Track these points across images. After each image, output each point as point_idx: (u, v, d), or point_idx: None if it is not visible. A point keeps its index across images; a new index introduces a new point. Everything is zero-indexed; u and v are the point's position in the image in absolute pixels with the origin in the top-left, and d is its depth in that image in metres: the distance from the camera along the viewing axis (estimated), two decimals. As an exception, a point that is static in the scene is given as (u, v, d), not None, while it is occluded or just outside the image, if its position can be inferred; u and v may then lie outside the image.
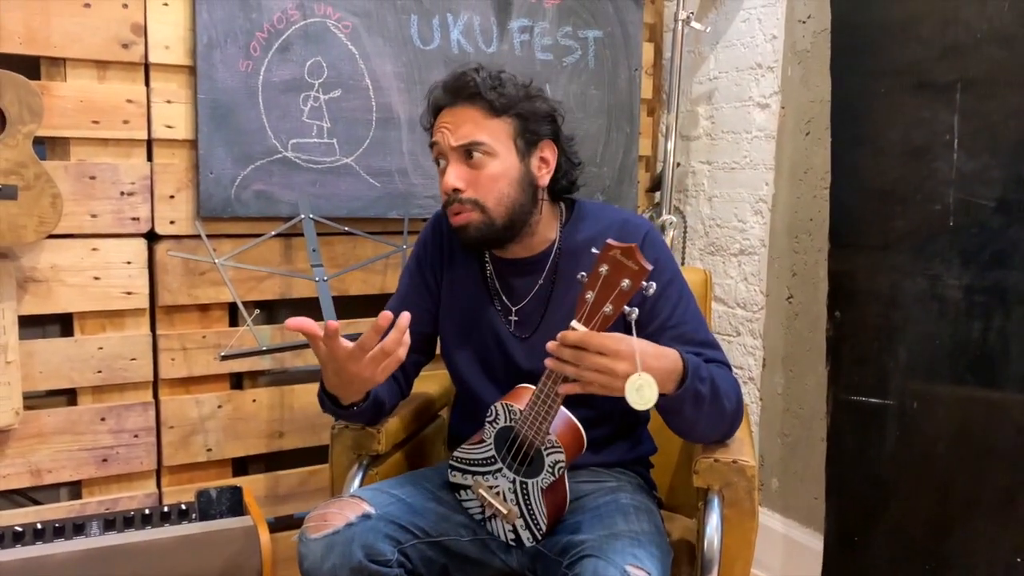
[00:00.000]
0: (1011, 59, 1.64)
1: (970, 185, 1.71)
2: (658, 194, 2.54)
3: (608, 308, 1.17)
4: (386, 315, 1.25)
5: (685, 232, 2.61)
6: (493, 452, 1.37)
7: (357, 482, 1.46)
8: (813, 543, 2.16)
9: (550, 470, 1.32)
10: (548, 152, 1.44)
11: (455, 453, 1.43)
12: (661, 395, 1.22)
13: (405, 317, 1.26)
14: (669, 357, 1.26)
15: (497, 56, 2.22)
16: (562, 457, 1.31)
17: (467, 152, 1.38)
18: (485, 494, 1.38)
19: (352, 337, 1.44)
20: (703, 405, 1.29)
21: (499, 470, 1.37)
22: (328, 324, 1.25)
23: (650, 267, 1.15)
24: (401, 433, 1.58)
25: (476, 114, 1.38)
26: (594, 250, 1.19)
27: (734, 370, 2.15)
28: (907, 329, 1.81)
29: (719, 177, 2.52)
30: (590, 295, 1.19)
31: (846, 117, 1.96)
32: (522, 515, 1.36)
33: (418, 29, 2.11)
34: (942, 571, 1.76)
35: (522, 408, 1.31)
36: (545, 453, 1.32)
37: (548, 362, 1.22)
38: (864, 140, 1.90)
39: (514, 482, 1.35)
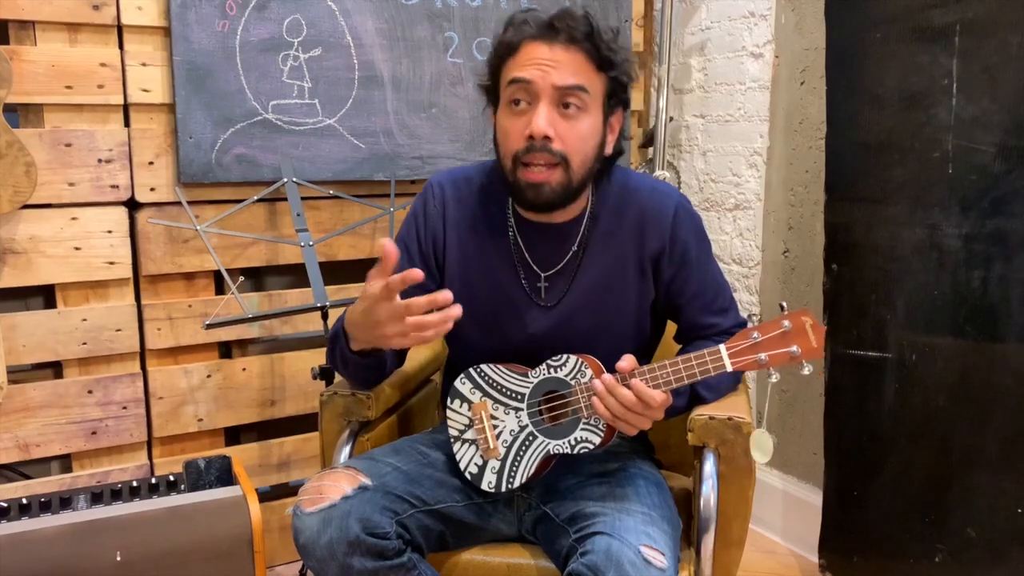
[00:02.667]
0: (1011, -1, 1.59)
1: (969, 131, 1.67)
2: (651, 150, 2.49)
3: (763, 357, 1.18)
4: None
5: (679, 188, 2.57)
6: (528, 391, 1.32)
7: (347, 449, 1.43)
8: (812, 498, 2.15)
9: (571, 444, 1.28)
10: (617, 120, 1.36)
11: (481, 365, 1.37)
12: None
13: (444, 296, 1.17)
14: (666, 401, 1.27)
15: (482, 10, 2.15)
16: (597, 442, 1.27)
17: (563, 99, 1.26)
18: (484, 418, 1.33)
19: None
20: (682, 410, 1.38)
21: (517, 410, 1.32)
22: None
23: (823, 355, 1.19)
24: (392, 399, 1.55)
25: (581, 60, 1.27)
26: (784, 304, 1.20)
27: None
28: (906, 280, 1.78)
29: (713, 131, 2.46)
30: (756, 335, 1.18)
31: (841, 65, 1.90)
32: (503, 460, 1.32)
33: (400, -17, 2.05)
34: (943, 524, 1.74)
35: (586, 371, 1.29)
36: (582, 426, 1.28)
37: (595, 401, 1.23)
38: (860, 88, 1.86)
39: (523, 429, 1.31)
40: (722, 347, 1.20)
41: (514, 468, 1.31)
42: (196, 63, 1.86)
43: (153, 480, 1.63)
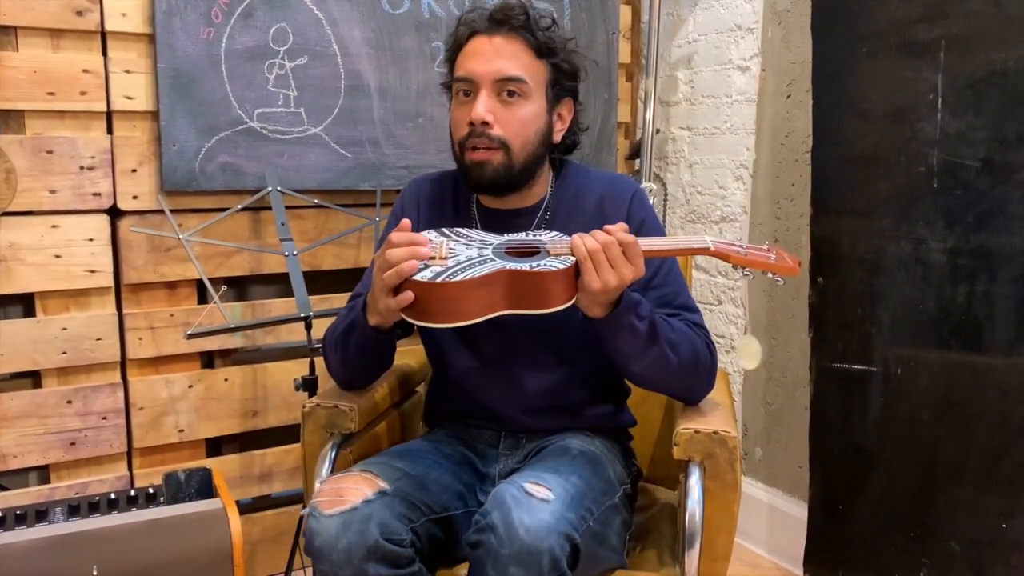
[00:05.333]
0: (996, 15, 1.60)
1: (954, 146, 1.67)
2: (638, 161, 2.49)
3: (742, 250, 1.27)
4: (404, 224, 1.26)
5: (665, 200, 2.57)
6: (495, 241, 1.29)
7: (328, 462, 1.42)
8: (797, 512, 2.14)
9: (530, 265, 1.21)
10: (566, 110, 1.44)
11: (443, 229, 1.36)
12: (593, 318, 1.26)
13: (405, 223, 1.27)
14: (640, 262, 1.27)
15: (470, 21, 2.14)
16: (560, 266, 1.20)
17: (503, 87, 1.34)
18: (441, 245, 1.28)
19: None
20: (638, 342, 1.28)
21: (481, 247, 1.27)
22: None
23: (797, 273, 1.30)
24: (375, 411, 1.53)
25: (519, 48, 1.35)
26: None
27: (716, 338, 2.12)
28: (891, 294, 1.79)
29: (699, 143, 2.47)
30: (742, 247, 1.28)
31: (828, 79, 1.91)
32: (445, 267, 1.24)
33: (387, -7, 2.04)
34: (927, 538, 1.74)
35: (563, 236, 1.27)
36: (547, 258, 1.23)
37: (573, 237, 1.22)
38: (846, 102, 1.86)
39: (481, 255, 1.25)
40: (706, 236, 1.27)
41: (455, 274, 1.21)
42: (181, 70, 1.85)
43: (132, 492, 1.61)
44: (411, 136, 2.11)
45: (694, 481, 1.30)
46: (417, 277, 1.21)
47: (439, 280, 1.20)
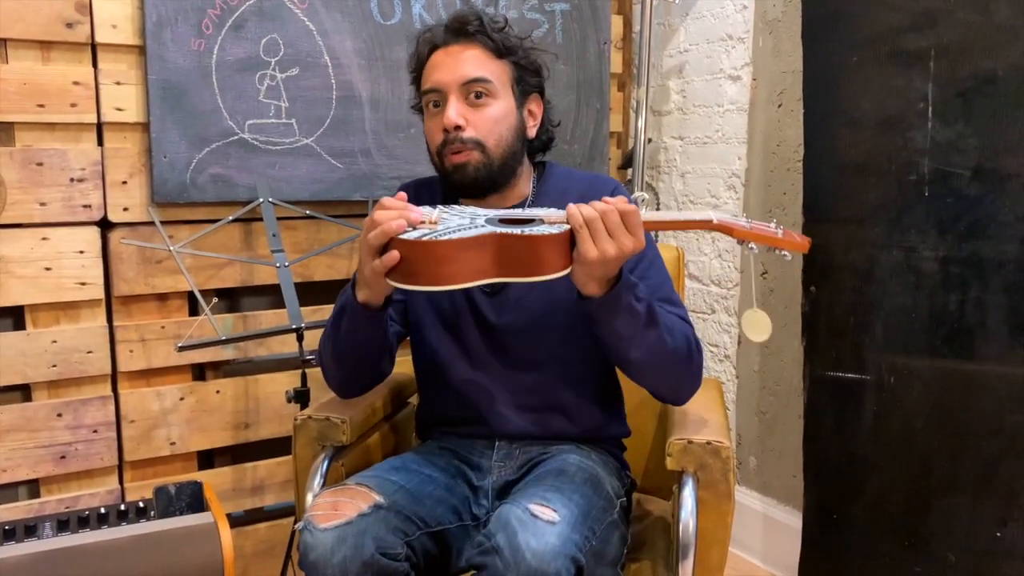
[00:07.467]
0: (985, 24, 1.61)
1: (945, 154, 1.68)
2: (630, 171, 2.49)
3: (747, 224, 1.21)
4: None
5: (658, 209, 2.57)
6: (487, 214, 1.25)
7: (320, 475, 1.41)
8: (792, 521, 2.14)
9: (522, 229, 1.15)
10: (535, 105, 1.47)
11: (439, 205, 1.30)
12: (588, 297, 1.22)
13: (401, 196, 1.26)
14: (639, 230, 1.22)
15: (461, 31, 2.14)
16: (554, 231, 1.15)
17: (470, 90, 1.37)
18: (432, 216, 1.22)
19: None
20: (637, 324, 1.24)
21: (473, 217, 1.23)
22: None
23: (806, 249, 1.26)
24: (367, 423, 1.53)
25: (478, 53, 1.39)
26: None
27: (710, 347, 2.12)
28: (883, 303, 1.79)
29: (691, 152, 2.47)
30: (748, 221, 1.22)
31: (818, 88, 1.92)
32: (435, 230, 1.19)
33: (378, 3, 2.04)
34: (922, 546, 1.74)
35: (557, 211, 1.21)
36: (541, 225, 1.17)
37: (569, 206, 1.17)
38: (837, 111, 1.87)
39: (472, 223, 1.20)
40: (711, 211, 1.23)
41: (444, 235, 1.15)
42: (171, 82, 1.84)
43: (122, 507, 1.59)
44: (403, 146, 2.11)
45: (688, 492, 1.29)
46: (404, 236, 1.15)
47: (426, 239, 1.14)
